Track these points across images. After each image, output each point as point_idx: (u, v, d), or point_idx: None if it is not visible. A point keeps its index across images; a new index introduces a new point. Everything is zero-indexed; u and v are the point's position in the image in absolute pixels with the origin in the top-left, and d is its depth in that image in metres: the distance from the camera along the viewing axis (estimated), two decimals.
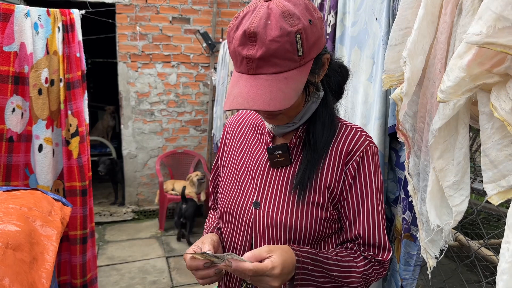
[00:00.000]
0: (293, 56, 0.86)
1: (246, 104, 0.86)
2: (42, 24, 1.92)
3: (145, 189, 5.19)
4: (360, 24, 1.51)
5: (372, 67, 1.44)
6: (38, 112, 1.94)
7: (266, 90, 0.86)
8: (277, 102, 0.85)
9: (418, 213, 1.01)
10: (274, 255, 0.89)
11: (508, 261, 0.60)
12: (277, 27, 0.83)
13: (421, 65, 0.87)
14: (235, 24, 0.89)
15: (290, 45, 0.84)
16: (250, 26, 0.84)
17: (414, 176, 1.01)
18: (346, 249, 1.03)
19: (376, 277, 1.04)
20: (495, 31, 0.63)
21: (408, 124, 1.00)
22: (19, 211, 1.26)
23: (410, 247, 1.32)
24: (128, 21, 4.70)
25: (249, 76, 0.88)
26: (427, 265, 0.98)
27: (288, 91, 0.87)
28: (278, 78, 0.87)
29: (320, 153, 1.02)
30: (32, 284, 1.03)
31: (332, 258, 0.97)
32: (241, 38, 0.85)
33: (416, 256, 1.31)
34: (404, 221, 1.30)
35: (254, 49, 0.84)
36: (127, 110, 4.92)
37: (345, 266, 0.98)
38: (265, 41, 0.83)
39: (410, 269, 1.34)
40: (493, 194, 0.74)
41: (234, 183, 1.12)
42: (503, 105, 0.68)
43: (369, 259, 1.01)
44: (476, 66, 0.70)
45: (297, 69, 0.88)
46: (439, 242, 0.94)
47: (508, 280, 0.60)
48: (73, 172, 2.06)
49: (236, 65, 0.92)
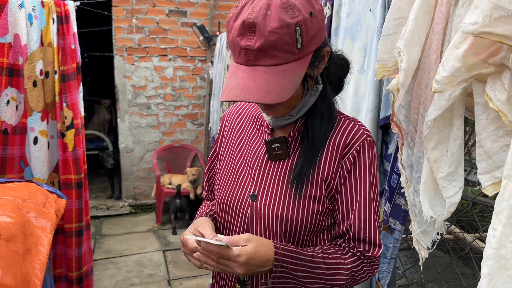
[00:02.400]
0: (292, 49, 0.85)
1: (242, 95, 0.85)
2: (36, 15, 1.90)
3: (142, 183, 5.18)
4: (354, 15, 1.50)
5: (364, 58, 1.43)
6: (33, 104, 1.93)
7: (263, 82, 0.85)
8: (273, 95, 0.85)
9: (410, 205, 1.01)
10: (249, 245, 0.89)
11: (494, 247, 0.61)
12: (277, 18, 0.81)
13: (417, 55, 0.86)
14: (235, 13, 0.87)
15: (289, 37, 0.83)
16: (249, 16, 0.83)
17: (407, 167, 1.01)
18: (334, 246, 1.02)
19: (367, 274, 1.03)
20: (491, 20, 0.63)
21: (401, 115, 1.00)
22: (13, 203, 1.25)
23: (387, 239, 1.32)
24: (125, 14, 4.67)
25: (247, 68, 0.87)
26: (420, 256, 0.98)
27: (286, 84, 0.86)
28: (276, 70, 0.86)
29: (318, 146, 1.01)
30: (25, 275, 1.03)
31: (318, 256, 0.96)
32: (240, 28, 0.84)
33: (392, 248, 1.31)
34: (384, 213, 1.30)
35: (253, 40, 0.83)
36: (124, 103, 4.90)
37: (332, 263, 0.97)
38: (264, 32, 0.82)
39: (385, 262, 1.33)
40: (487, 185, 0.74)
41: (231, 175, 1.12)
42: (498, 96, 0.68)
43: (358, 256, 1.00)
44: (472, 56, 0.69)
45: (296, 62, 0.87)
46: (431, 233, 0.94)
47: (492, 265, 0.61)
48: (68, 165, 2.05)
49: (234, 55, 0.90)
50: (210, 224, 1.04)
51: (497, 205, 0.62)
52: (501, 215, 0.61)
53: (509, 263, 0.60)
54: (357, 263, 1.00)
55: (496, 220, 0.62)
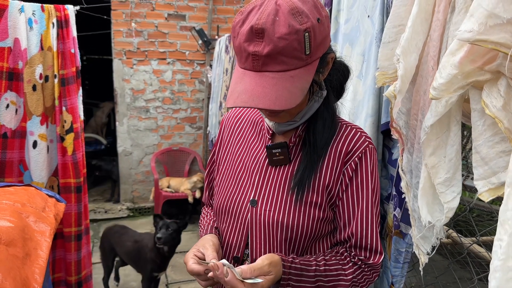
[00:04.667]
0: (300, 55, 0.84)
1: (251, 102, 0.84)
2: (36, 20, 1.91)
3: (140, 186, 5.18)
4: (352, 21, 1.51)
5: (363, 64, 1.44)
6: (32, 108, 1.93)
7: (272, 89, 0.84)
8: (282, 101, 0.84)
9: (410, 210, 1.01)
10: (273, 272, 0.90)
11: (501, 258, 0.59)
12: (286, 24, 0.81)
13: (414, 62, 0.87)
14: (241, 19, 0.86)
15: (298, 43, 0.82)
16: (257, 22, 0.82)
17: (407, 173, 1.01)
18: (336, 255, 1.02)
19: (367, 282, 1.03)
20: (487, 28, 0.63)
21: (402, 122, 1.00)
22: (12, 207, 1.26)
23: (399, 244, 1.32)
24: (124, 18, 4.68)
25: (254, 73, 0.86)
26: (419, 261, 0.99)
27: (294, 90, 0.85)
28: (284, 76, 0.85)
29: (319, 153, 1.01)
30: (25, 280, 1.03)
31: (320, 269, 0.96)
32: (248, 33, 0.83)
33: (404, 253, 1.31)
34: (394, 218, 1.31)
35: (261, 46, 0.82)
36: (122, 107, 4.91)
37: (333, 275, 0.97)
38: (273, 38, 0.81)
39: (399, 266, 1.34)
40: (483, 191, 0.74)
41: (231, 180, 1.11)
42: (494, 102, 0.68)
43: (359, 265, 1.00)
44: (468, 63, 0.70)
45: (304, 68, 0.87)
46: (430, 238, 0.94)
47: (500, 278, 0.60)
48: (67, 169, 2.05)
49: (240, 61, 0.89)
50: (211, 243, 1.02)
51: (501, 214, 0.61)
52: (506, 224, 0.60)
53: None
54: (358, 272, 0.99)
55: (502, 230, 0.60)
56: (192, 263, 0.95)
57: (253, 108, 0.88)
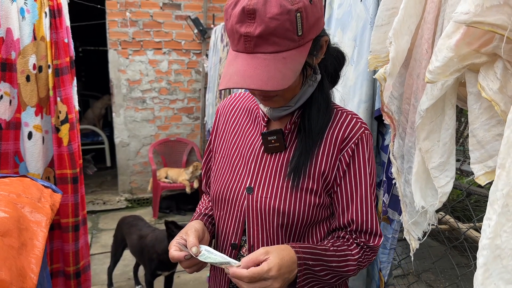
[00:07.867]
0: (293, 36, 0.84)
1: (243, 82, 0.84)
2: (28, 9, 1.88)
3: (138, 177, 5.18)
4: (345, 6, 1.50)
5: (354, 49, 1.43)
6: (26, 99, 1.92)
7: (264, 70, 0.84)
8: (275, 82, 0.84)
9: (401, 195, 1.01)
10: (271, 256, 0.87)
11: (489, 237, 0.61)
12: (277, 5, 0.81)
13: (406, 45, 0.86)
14: (233, 1, 0.86)
15: (290, 23, 0.82)
16: (249, 2, 0.82)
17: (398, 158, 1.01)
18: (338, 238, 1.03)
19: (367, 262, 1.05)
20: (483, 9, 0.63)
21: (394, 107, 1.00)
22: (7, 198, 1.25)
23: (386, 230, 1.33)
24: (118, 7, 4.63)
25: (247, 55, 0.86)
26: (410, 247, 0.99)
27: (286, 71, 0.85)
28: (277, 57, 0.85)
29: (315, 139, 1.01)
30: (21, 269, 1.03)
31: (330, 249, 0.97)
32: (240, 15, 0.83)
33: (391, 239, 1.32)
34: (383, 204, 1.31)
35: (253, 27, 0.82)
36: (119, 98, 4.88)
37: (342, 255, 0.98)
38: (265, 19, 0.81)
39: (385, 252, 1.35)
40: (480, 175, 0.74)
41: (227, 168, 1.11)
42: (490, 85, 0.68)
43: (361, 246, 1.02)
44: (465, 46, 0.69)
45: (296, 49, 0.86)
46: (423, 224, 0.94)
47: (488, 255, 0.62)
48: (63, 160, 2.04)
49: (233, 43, 0.89)
50: (193, 230, 1.02)
51: (491, 194, 0.63)
52: (495, 204, 0.61)
53: (504, 253, 0.60)
54: (362, 253, 1.02)
55: (491, 210, 0.62)
56: (174, 250, 0.98)
57: (244, 88, 0.87)
